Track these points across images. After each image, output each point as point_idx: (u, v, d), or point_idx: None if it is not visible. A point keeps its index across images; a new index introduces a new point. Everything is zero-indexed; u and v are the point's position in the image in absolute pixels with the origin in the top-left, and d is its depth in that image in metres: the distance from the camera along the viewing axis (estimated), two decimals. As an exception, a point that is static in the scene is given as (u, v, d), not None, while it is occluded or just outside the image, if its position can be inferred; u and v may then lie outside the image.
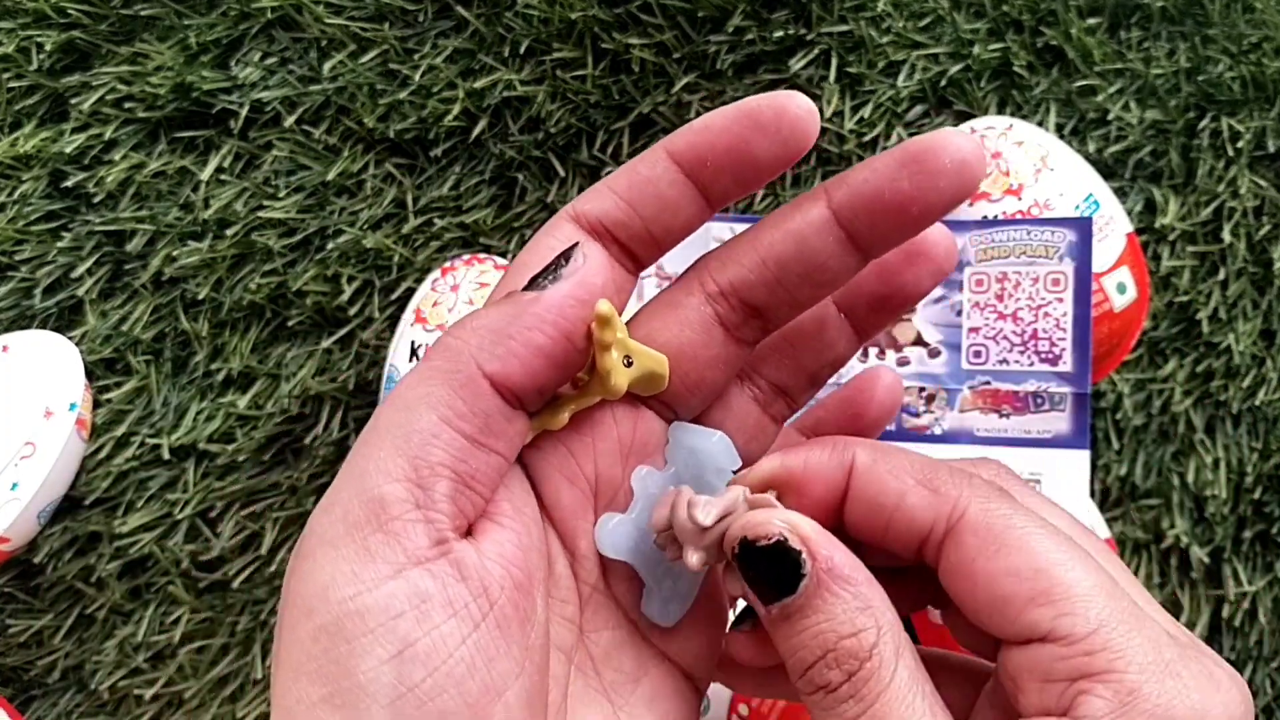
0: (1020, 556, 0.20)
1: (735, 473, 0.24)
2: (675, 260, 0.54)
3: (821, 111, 0.57)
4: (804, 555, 0.20)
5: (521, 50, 0.58)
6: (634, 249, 0.24)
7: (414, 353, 0.52)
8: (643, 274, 0.57)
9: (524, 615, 0.21)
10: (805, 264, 0.23)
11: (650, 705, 0.23)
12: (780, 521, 0.21)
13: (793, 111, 0.22)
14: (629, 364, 0.23)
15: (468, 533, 0.21)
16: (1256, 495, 0.54)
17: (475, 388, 0.21)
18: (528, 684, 0.20)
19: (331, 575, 0.19)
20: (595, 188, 0.24)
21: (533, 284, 0.22)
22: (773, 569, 0.21)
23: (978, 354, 0.49)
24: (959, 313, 0.50)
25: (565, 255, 0.22)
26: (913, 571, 0.24)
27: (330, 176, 0.58)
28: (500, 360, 0.21)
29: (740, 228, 0.54)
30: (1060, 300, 0.49)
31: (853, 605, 0.20)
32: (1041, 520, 0.21)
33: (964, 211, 0.52)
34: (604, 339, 0.22)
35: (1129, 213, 0.55)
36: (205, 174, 0.59)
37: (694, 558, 0.22)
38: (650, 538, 0.24)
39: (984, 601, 0.20)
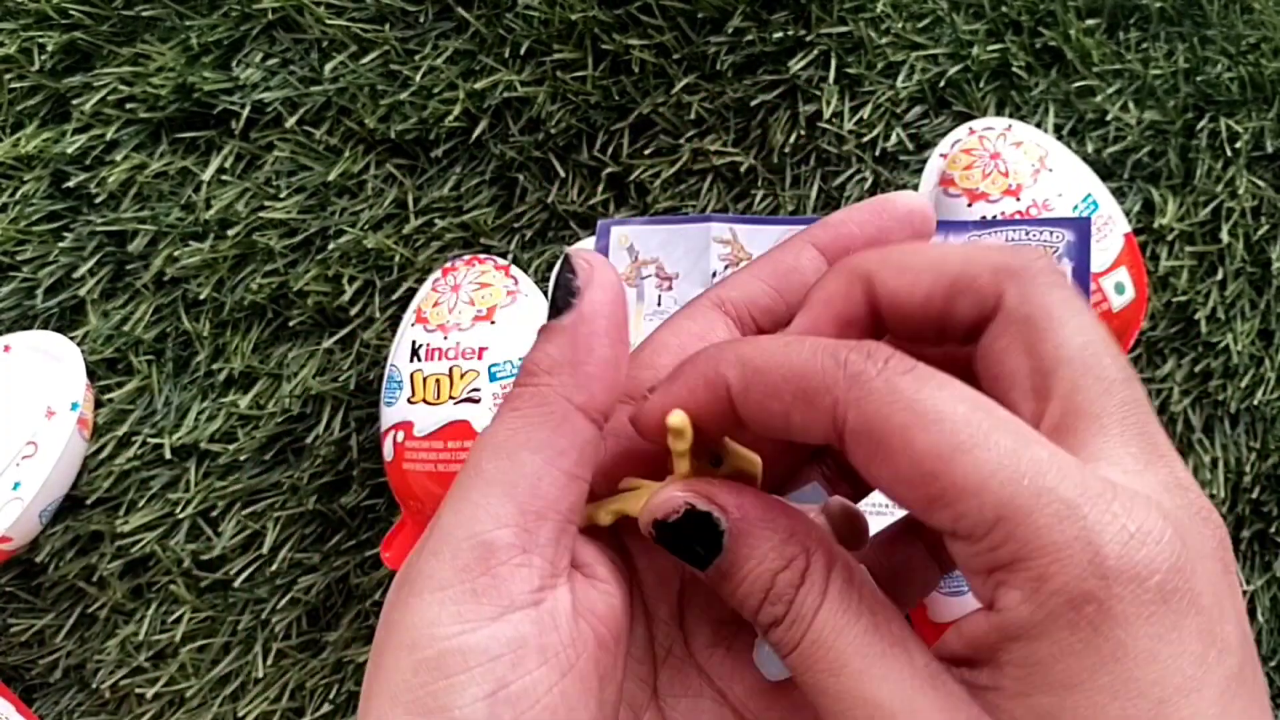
0: (903, 459, 0.19)
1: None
2: (676, 261, 0.54)
3: (821, 112, 0.57)
4: (715, 513, 0.21)
5: (522, 51, 0.58)
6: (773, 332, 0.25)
7: (415, 353, 0.53)
8: (643, 275, 0.57)
9: (605, 671, 0.22)
10: (802, 285, 0.24)
11: None
12: (680, 492, 0.21)
13: (920, 208, 0.24)
14: (718, 463, 0.23)
15: (569, 571, 0.23)
16: (1254, 495, 0.54)
17: (572, 423, 0.22)
18: None
19: (438, 614, 0.20)
20: (738, 276, 0.25)
21: (558, 310, 0.23)
22: (695, 538, 0.21)
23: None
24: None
25: (568, 269, 0.23)
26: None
27: (331, 177, 0.58)
28: (585, 390, 0.22)
29: (740, 228, 0.54)
30: (1059, 300, 0.49)
31: (776, 540, 0.21)
32: (931, 394, 0.19)
33: (963, 212, 0.52)
34: (679, 449, 0.22)
35: (1127, 213, 0.55)
36: (207, 174, 0.59)
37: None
38: None
39: (900, 502, 0.20)
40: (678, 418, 0.22)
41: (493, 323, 0.53)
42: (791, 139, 0.57)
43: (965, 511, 0.18)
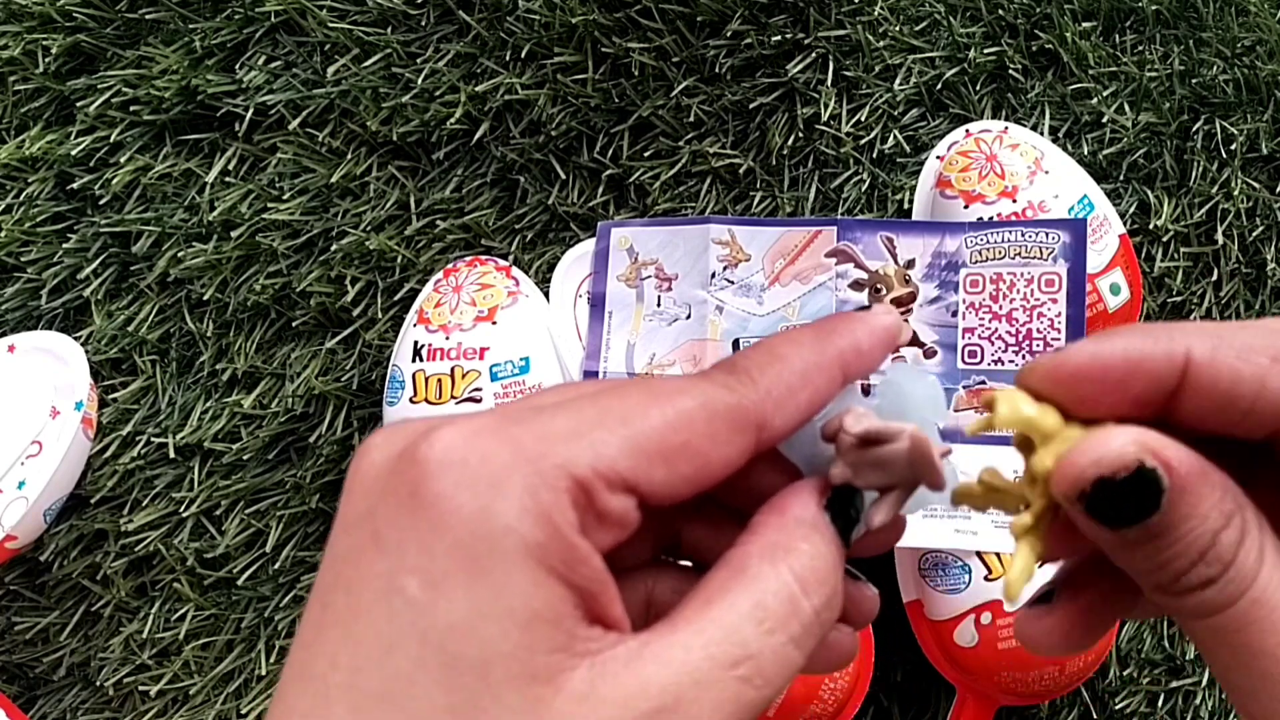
0: None
1: (941, 428, 0.23)
2: (675, 262, 0.55)
3: (819, 114, 0.58)
4: (1159, 469, 0.19)
5: (523, 54, 0.59)
6: None
7: (417, 353, 0.53)
8: (643, 275, 0.58)
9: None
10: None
11: None
12: (1130, 444, 0.19)
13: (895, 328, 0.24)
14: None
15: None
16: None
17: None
18: None
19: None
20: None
21: None
22: (1131, 495, 0.19)
23: (973, 354, 0.50)
24: (954, 313, 0.51)
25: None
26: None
27: (334, 179, 0.58)
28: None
29: (739, 230, 0.54)
30: (1054, 301, 0.50)
31: (1217, 497, 0.19)
32: None
33: (959, 214, 0.52)
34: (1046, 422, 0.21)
35: (1123, 215, 0.55)
36: (210, 176, 0.59)
37: (836, 469, 0.22)
38: (818, 443, 0.23)
39: None
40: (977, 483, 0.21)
41: (494, 323, 0.53)
42: (790, 141, 0.58)
43: None
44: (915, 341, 0.51)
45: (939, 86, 0.58)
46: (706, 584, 0.20)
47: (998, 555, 0.49)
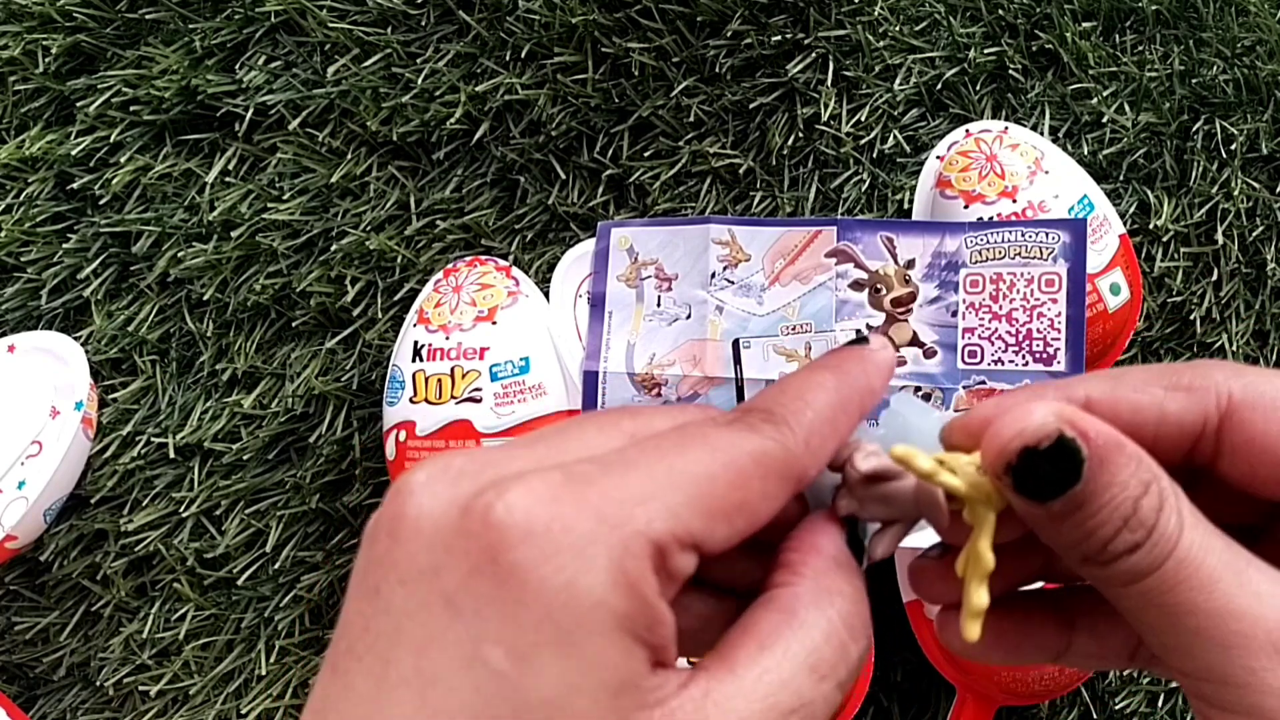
0: None
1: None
2: (675, 262, 0.55)
3: (819, 114, 0.58)
4: (1077, 439, 0.20)
5: (523, 54, 0.59)
6: None
7: (417, 353, 0.53)
8: (643, 276, 0.58)
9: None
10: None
11: None
12: (1050, 415, 0.20)
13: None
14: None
15: None
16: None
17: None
18: None
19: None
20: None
21: None
22: (1052, 466, 0.20)
23: (973, 354, 0.50)
24: (954, 313, 0.51)
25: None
26: None
27: (334, 179, 0.58)
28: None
29: (739, 230, 0.54)
30: (1054, 301, 0.50)
31: (1134, 466, 0.20)
32: None
33: (959, 214, 0.52)
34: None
35: (1123, 215, 0.55)
36: (210, 176, 0.59)
37: (843, 501, 0.23)
38: (824, 472, 0.24)
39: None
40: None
41: (494, 323, 0.53)
42: (790, 141, 0.58)
43: None
44: (915, 341, 0.51)
45: (939, 86, 0.58)
46: (757, 625, 0.21)
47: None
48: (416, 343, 0.53)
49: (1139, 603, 0.21)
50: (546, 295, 0.56)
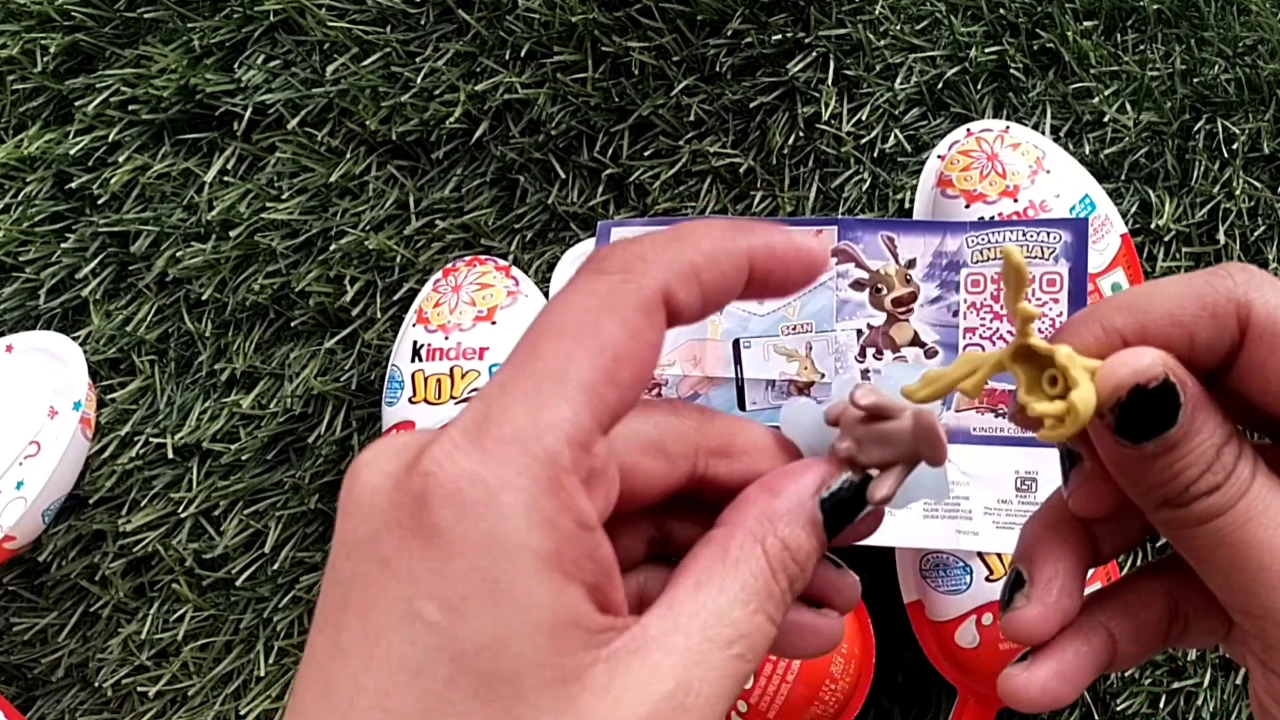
0: None
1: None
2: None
3: (819, 114, 0.57)
4: (1179, 385, 0.22)
5: (522, 53, 0.58)
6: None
7: (416, 353, 0.53)
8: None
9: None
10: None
11: None
12: (1159, 360, 0.22)
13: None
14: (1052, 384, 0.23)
15: None
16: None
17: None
18: None
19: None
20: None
21: None
22: (1154, 407, 0.22)
23: (974, 354, 0.50)
24: (955, 313, 0.51)
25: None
26: None
27: (333, 178, 0.58)
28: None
29: (739, 229, 0.54)
30: (1056, 301, 0.49)
31: (1220, 417, 0.22)
32: None
33: (960, 213, 0.52)
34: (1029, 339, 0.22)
35: (1124, 214, 0.55)
36: (209, 176, 0.59)
37: (842, 444, 0.24)
38: (821, 427, 0.24)
39: None
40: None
41: (494, 323, 0.53)
42: (790, 140, 0.57)
43: None
44: (916, 341, 0.51)
45: (940, 86, 0.57)
46: (695, 563, 0.22)
47: (999, 556, 0.49)
48: (416, 343, 0.53)
49: (1211, 540, 0.22)
50: (546, 295, 0.56)
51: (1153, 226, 0.56)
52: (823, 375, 0.51)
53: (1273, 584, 0.22)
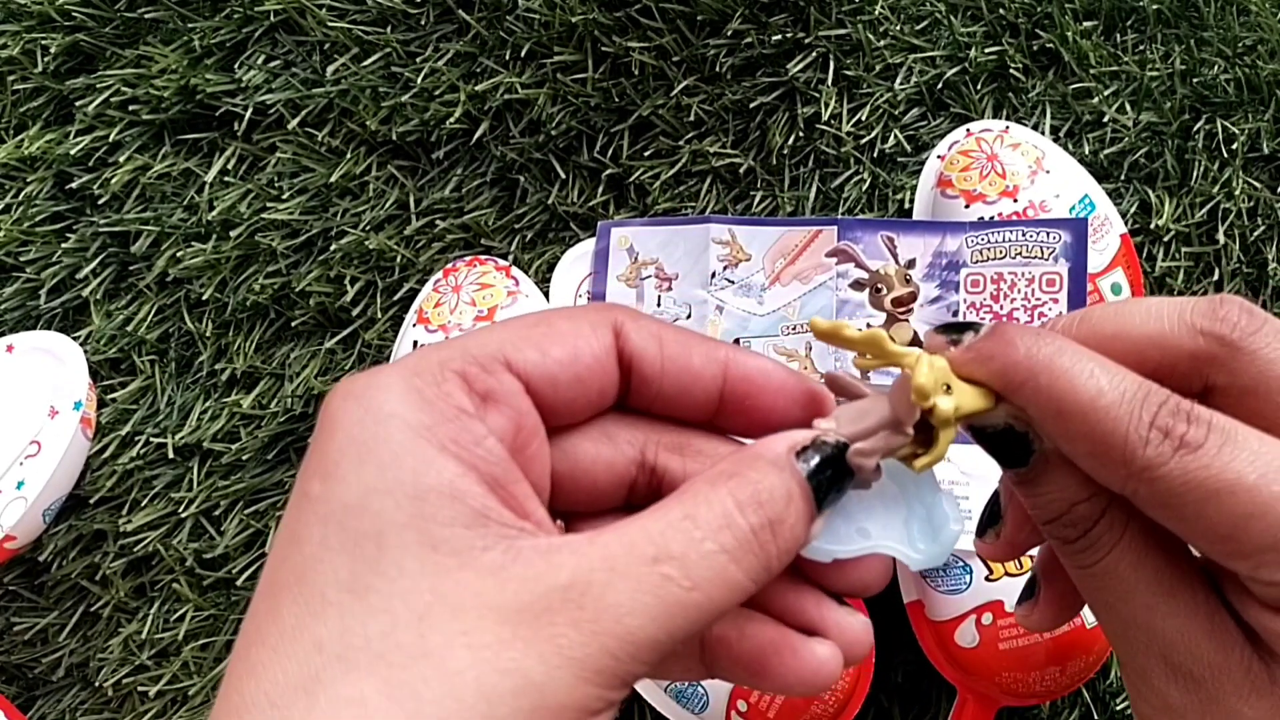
0: (1197, 529, 0.21)
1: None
2: (675, 262, 0.55)
3: (819, 114, 0.58)
4: (1031, 436, 0.23)
5: (522, 54, 0.58)
6: None
7: (416, 353, 0.53)
8: (643, 275, 0.57)
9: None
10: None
11: None
12: (1003, 414, 0.23)
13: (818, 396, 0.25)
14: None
15: None
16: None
17: None
18: None
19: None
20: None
21: None
22: (1003, 447, 0.23)
23: (974, 354, 0.50)
24: (955, 313, 0.51)
25: None
26: None
27: (333, 178, 0.58)
28: None
29: (739, 229, 0.54)
30: (1055, 301, 0.49)
31: (1080, 476, 0.23)
32: (1222, 467, 0.21)
33: (960, 213, 0.52)
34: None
35: (1124, 214, 0.55)
36: (209, 176, 0.59)
37: (819, 422, 0.23)
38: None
39: (1194, 547, 0.23)
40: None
41: (493, 323, 0.53)
42: (790, 141, 0.57)
43: (1262, 563, 0.20)
44: (916, 341, 0.51)
45: (940, 86, 0.57)
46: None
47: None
48: (416, 343, 0.53)
49: (1081, 587, 0.24)
50: (546, 295, 0.56)
51: (1152, 226, 0.56)
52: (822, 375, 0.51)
53: (1134, 650, 0.23)
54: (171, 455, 0.57)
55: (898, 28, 0.58)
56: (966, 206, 0.52)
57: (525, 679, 0.18)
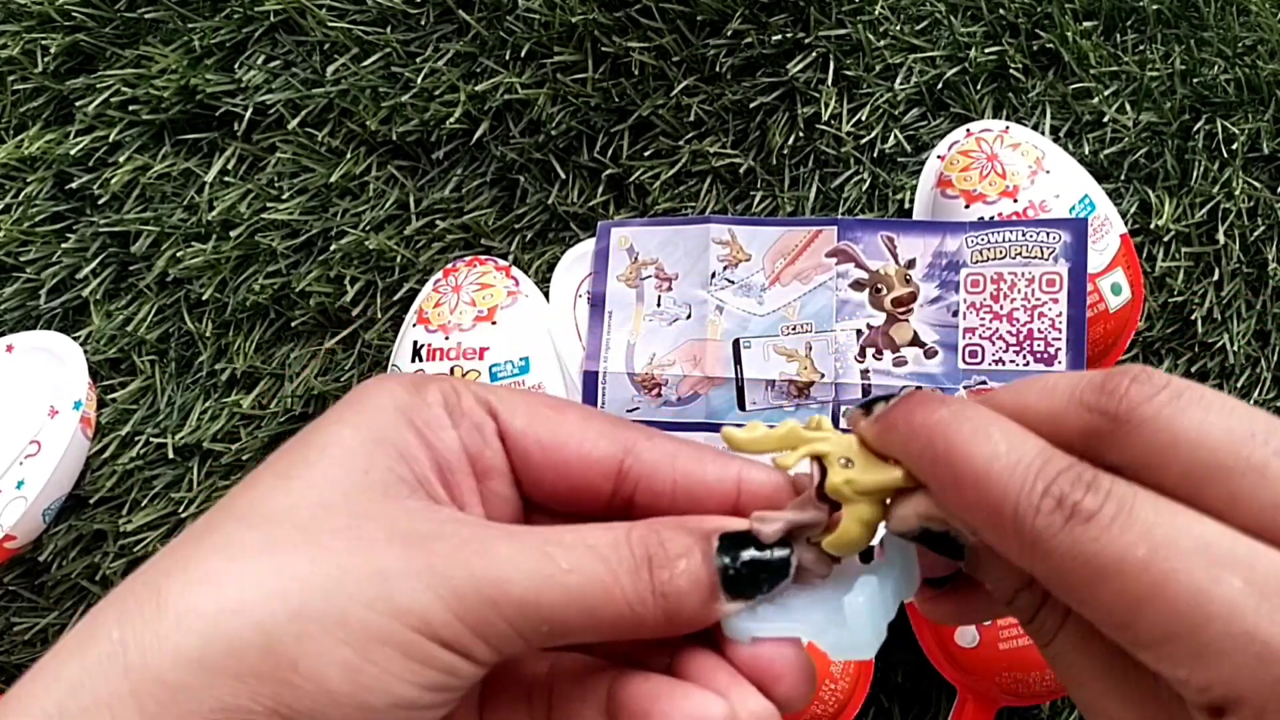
0: (1090, 609, 0.19)
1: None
2: (675, 262, 0.55)
3: (819, 114, 0.58)
4: (951, 532, 0.22)
5: (522, 54, 0.58)
6: None
7: (416, 353, 0.53)
8: (643, 275, 0.57)
9: None
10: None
11: None
12: (916, 516, 0.23)
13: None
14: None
15: None
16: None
17: None
18: None
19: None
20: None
21: None
22: (935, 546, 0.23)
23: (974, 354, 0.50)
24: (955, 313, 0.51)
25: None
26: None
27: (333, 179, 0.58)
28: None
29: (739, 229, 0.54)
30: (1055, 301, 0.49)
31: (1016, 570, 0.22)
32: (1110, 543, 0.19)
33: (960, 213, 0.52)
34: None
35: (1124, 214, 0.55)
36: (209, 176, 0.59)
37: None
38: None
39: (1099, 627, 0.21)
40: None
41: (494, 323, 0.53)
42: (790, 141, 0.57)
43: (1163, 656, 0.19)
44: (916, 341, 0.51)
45: (940, 86, 0.57)
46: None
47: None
48: (416, 343, 0.53)
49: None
50: (546, 295, 0.56)
51: (1152, 226, 0.56)
52: (823, 375, 0.51)
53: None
54: (171, 455, 0.57)
55: (898, 28, 0.58)
56: (966, 206, 0.52)
57: (380, 571, 0.20)
